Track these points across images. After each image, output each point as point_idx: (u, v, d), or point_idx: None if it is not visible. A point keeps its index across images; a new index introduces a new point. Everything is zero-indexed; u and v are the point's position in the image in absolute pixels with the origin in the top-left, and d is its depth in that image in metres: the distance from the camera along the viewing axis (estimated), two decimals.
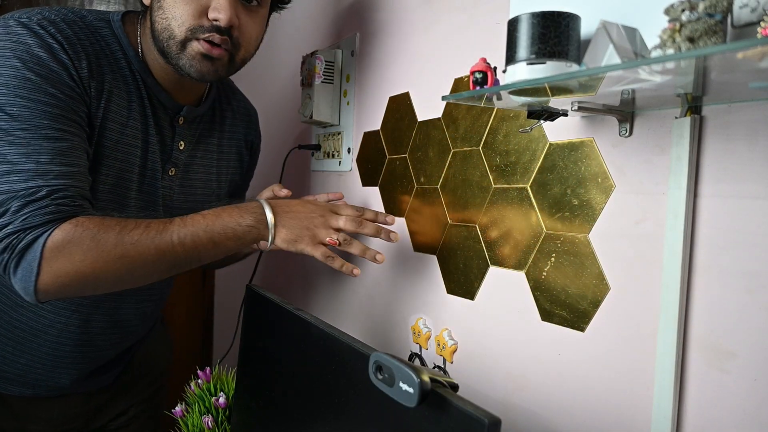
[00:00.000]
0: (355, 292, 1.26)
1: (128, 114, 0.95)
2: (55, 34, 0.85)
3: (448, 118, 0.99)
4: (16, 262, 0.78)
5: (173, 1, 0.88)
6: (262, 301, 0.96)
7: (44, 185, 0.78)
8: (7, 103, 0.79)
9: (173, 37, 0.89)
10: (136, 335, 1.16)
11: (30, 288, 0.78)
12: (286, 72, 1.63)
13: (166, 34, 0.89)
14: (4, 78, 0.80)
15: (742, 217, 0.59)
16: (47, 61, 0.83)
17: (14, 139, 0.78)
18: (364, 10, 1.25)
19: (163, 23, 0.89)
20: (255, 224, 0.91)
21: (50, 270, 0.78)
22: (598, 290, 0.73)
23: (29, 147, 0.79)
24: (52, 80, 0.83)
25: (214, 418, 1.06)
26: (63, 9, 0.90)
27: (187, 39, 0.89)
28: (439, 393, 0.56)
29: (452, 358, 0.96)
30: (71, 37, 0.87)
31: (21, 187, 0.77)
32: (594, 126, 0.74)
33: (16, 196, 0.77)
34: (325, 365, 0.76)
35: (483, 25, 0.92)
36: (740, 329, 0.59)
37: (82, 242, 0.78)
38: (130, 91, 0.95)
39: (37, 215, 0.77)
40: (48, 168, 0.79)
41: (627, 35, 0.57)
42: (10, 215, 0.77)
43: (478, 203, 0.92)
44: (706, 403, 0.62)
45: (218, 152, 1.14)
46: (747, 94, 0.57)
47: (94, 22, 0.93)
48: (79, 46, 0.87)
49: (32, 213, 0.77)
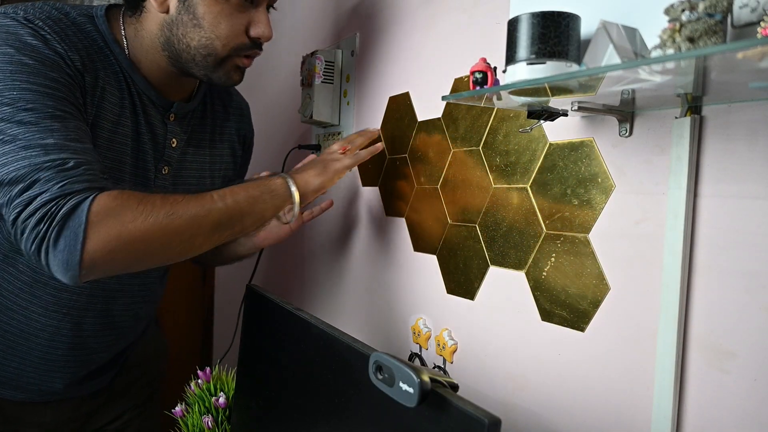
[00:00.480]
0: (355, 292, 1.26)
1: (120, 112, 0.93)
2: (44, 27, 0.83)
3: (448, 118, 0.99)
4: (57, 231, 0.71)
5: (215, 20, 0.88)
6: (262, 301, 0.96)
7: (70, 157, 0.74)
8: (5, 88, 0.75)
9: (213, 55, 0.91)
10: (129, 337, 1.15)
11: (75, 259, 0.71)
12: (286, 72, 1.63)
13: (204, 51, 0.90)
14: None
15: (742, 217, 0.59)
16: (42, 49, 0.81)
17: (22, 118, 0.74)
18: (364, 10, 1.25)
19: (202, 41, 0.89)
20: (283, 181, 0.96)
21: (98, 235, 0.72)
22: (598, 290, 0.73)
23: (39, 125, 0.75)
24: (49, 65, 0.80)
25: (214, 418, 1.06)
26: (46, 5, 0.87)
27: (229, 56, 0.92)
28: (439, 393, 0.56)
29: (452, 358, 0.96)
30: (61, 32, 0.85)
31: (45, 160, 0.73)
32: (594, 126, 0.74)
33: (41, 168, 0.72)
34: (325, 365, 0.76)
35: (483, 25, 0.92)
36: (740, 329, 0.59)
37: (130, 204, 0.75)
38: (122, 88, 0.93)
39: (76, 182, 0.73)
40: (66, 143, 0.75)
41: (627, 35, 0.57)
42: (41, 185, 0.71)
43: (478, 203, 0.92)
44: (706, 403, 0.62)
45: (210, 148, 1.12)
46: (747, 94, 0.57)
47: (78, 18, 0.91)
48: (69, 41, 0.86)
49: (69, 180, 0.72)
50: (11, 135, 0.74)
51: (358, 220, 1.26)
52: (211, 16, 0.88)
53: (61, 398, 1.08)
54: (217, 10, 0.88)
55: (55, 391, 1.06)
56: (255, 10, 0.92)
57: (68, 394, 1.09)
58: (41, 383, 1.04)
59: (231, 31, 0.90)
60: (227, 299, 2.01)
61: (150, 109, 0.98)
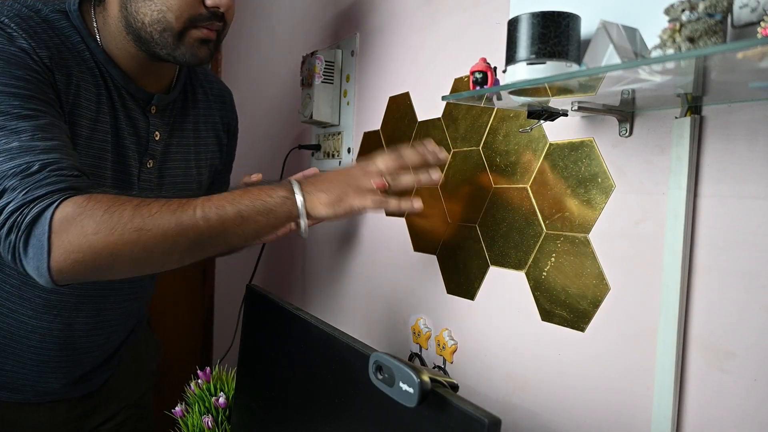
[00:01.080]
0: (355, 292, 1.26)
1: (97, 108, 0.90)
2: (10, 24, 0.81)
3: (448, 118, 0.99)
4: (25, 239, 0.70)
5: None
6: (262, 301, 0.96)
7: (34, 160, 0.72)
8: None
9: (169, 29, 0.87)
10: (120, 334, 1.14)
11: (43, 267, 0.69)
12: (286, 72, 1.63)
13: (158, 26, 0.86)
14: None
15: (742, 217, 0.59)
16: (6, 46, 0.79)
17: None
18: (364, 10, 1.25)
19: (154, 15, 0.86)
20: (288, 195, 0.79)
21: (61, 244, 0.69)
22: (598, 290, 0.73)
23: (6, 129, 0.73)
24: (15, 63, 0.78)
25: (214, 418, 1.06)
26: (16, 3, 0.85)
27: (186, 28, 0.87)
28: (439, 393, 0.56)
29: (452, 358, 0.96)
30: (29, 29, 0.82)
31: (10, 166, 0.71)
32: (594, 126, 0.74)
33: (7, 175, 0.71)
34: (325, 365, 0.76)
35: (483, 25, 0.92)
36: (740, 329, 0.59)
37: (94, 214, 0.70)
38: (98, 84, 0.90)
39: (38, 187, 0.70)
40: (32, 144, 0.73)
41: (627, 35, 0.57)
42: (8, 194, 0.71)
43: (478, 203, 0.92)
44: (706, 403, 0.62)
45: (195, 137, 1.08)
46: (747, 94, 0.57)
47: (50, 15, 0.88)
48: (38, 37, 0.83)
49: (32, 186, 0.70)
50: None
51: (358, 220, 1.26)
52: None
53: (56, 399, 1.08)
54: None
55: (50, 391, 1.06)
56: None
57: (64, 394, 1.08)
58: (36, 384, 1.03)
59: (183, 1, 0.85)
60: (227, 299, 2.01)
61: (130, 102, 0.95)
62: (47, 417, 1.08)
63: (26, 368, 1.01)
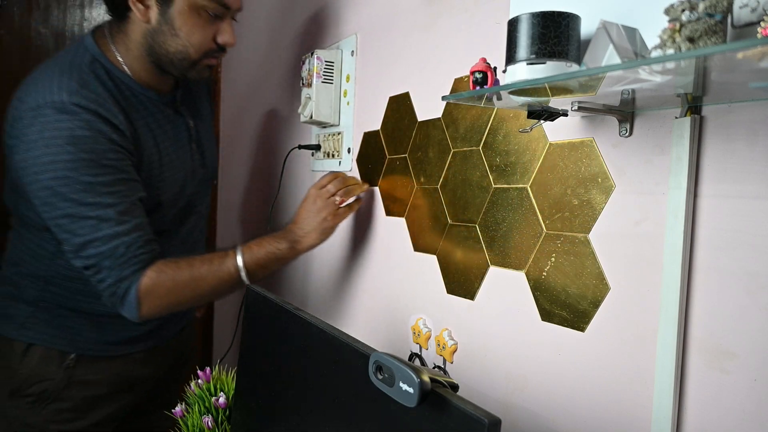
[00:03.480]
0: (355, 292, 1.26)
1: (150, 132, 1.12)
2: (88, 105, 1.00)
3: (448, 118, 0.99)
4: (121, 302, 1.03)
5: (190, 31, 1.07)
6: (262, 301, 0.96)
7: (120, 244, 1.00)
8: (70, 191, 0.98)
9: (187, 59, 1.09)
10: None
11: (135, 317, 1.04)
12: (286, 72, 1.63)
13: (179, 56, 1.09)
14: (61, 164, 0.97)
15: (742, 217, 0.59)
16: (91, 139, 0.99)
17: (84, 212, 0.99)
18: (364, 10, 1.25)
19: (178, 48, 1.08)
20: (290, 245, 1.12)
21: (146, 307, 1.03)
22: (598, 290, 0.73)
23: (97, 219, 0.99)
24: (99, 152, 1.00)
25: (214, 418, 1.06)
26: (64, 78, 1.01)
27: (200, 59, 1.11)
28: (439, 393, 0.56)
29: (452, 358, 0.96)
30: (99, 98, 1.02)
31: (103, 250, 1.00)
32: (594, 126, 0.74)
33: (103, 256, 1.00)
34: (325, 365, 0.76)
35: (483, 25, 0.92)
36: (740, 330, 0.59)
37: (164, 284, 1.03)
38: (143, 108, 1.12)
39: (124, 268, 1.01)
40: (117, 230, 1.00)
41: (627, 35, 0.57)
42: (105, 272, 1.01)
43: (478, 203, 0.92)
44: (706, 403, 0.62)
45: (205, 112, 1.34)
46: (747, 94, 0.57)
47: (88, 66, 1.06)
48: (108, 102, 1.04)
49: (120, 267, 1.00)
50: (80, 228, 1.00)
51: (358, 220, 1.26)
52: (187, 28, 1.07)
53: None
54: (192, 23, 1.07)
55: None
56: (221, 22, 1.10)
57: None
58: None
59: (202, 40, 1.09)
60: (227, 299, 2.01)
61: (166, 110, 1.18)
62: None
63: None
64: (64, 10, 2.01)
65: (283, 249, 1.10)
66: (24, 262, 1.17)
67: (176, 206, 1.21)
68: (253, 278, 1.08)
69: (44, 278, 1.15)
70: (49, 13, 1.99)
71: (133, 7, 1.05)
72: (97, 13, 2.06)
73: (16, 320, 1.17)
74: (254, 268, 1.08)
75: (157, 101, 1.16)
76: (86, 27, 2.04)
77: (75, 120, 0.99)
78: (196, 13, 1.06)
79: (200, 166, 1.27)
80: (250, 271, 1.08)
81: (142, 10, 1.05)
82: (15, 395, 1.15)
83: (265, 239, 1.11)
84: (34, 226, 1.11)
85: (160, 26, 1.06)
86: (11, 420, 1.16)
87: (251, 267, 1.08)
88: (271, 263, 1.10)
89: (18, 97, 1.04)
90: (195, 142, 1.25)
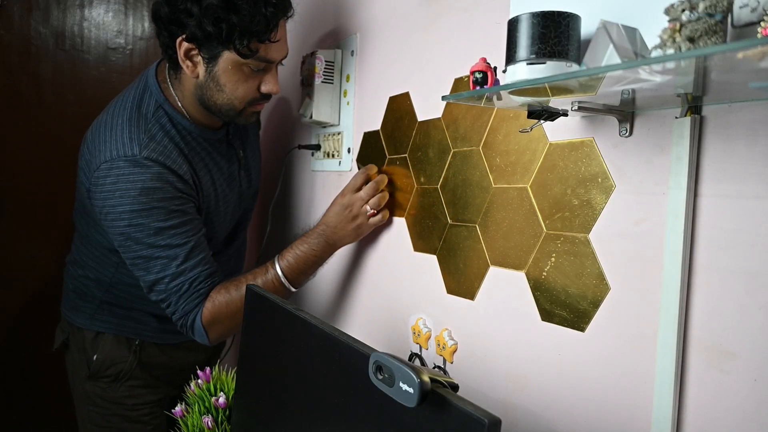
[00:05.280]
0: (355, 292, 1.26)
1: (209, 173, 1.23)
2: (157, 158, 1.10)
3: (448, 118, 0.99)
4: (191, 332, 1.15)
5: (234, 86, 1.12)
6: (262, 301, 0.96)
7: (185, 280, 1.12)
8: (143, 236, 1.09)
9: (234, 110, 1.16)
10: None
11: (207, 343, 1.17)
12: (286, 72, 1.63)
13: (226, 107, 1.16)
14: (135, 213, 1.08)
15: (742, 217, 0.59)
16: (160, 190, 1.09)
17: (156, 254, 1.10)
18: (364, 10, 1.25)
19: (224, 101, 1.14)
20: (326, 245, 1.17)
21: (212, 334, 1.15)
22: (598, 290, 0.73)
23: (168, 258, 1.11)
24: (167, 200, 1.10)
25: (214, 418, 1.06)
26: (141, 124, 1.13)
27: (245, 107, 1.17)
28: (439, 393, 0.56)
29: (452, 358, 0.96)
30: (165, 150, 1.12)
31: (171, 286, 1.11)
32: (594, 126, 0.74)
33: (171, 293, 1.12)
34: (325, 365, 0.76)
35: (483, 25, 0.92)
36: (740, 329, 0.59)
37: (221, 311, 1.13)
38: (202, 150, 1.22)
39: (189, 302, 1.12)
40: (183, 267, 1.11)
41: (627, 35, 0.57)
42: (173, 306, 1.13)
43: (478, 203, 0.92)
44: (706, 403, 0.62)
45: (253, 140, 1.41)
46: (747, 94, 0.57)
47: (153, 115, 1.15)
48: (174, 153, 1.13)
49: (185, 301, 1.12)
50: (152, 266, 1.11)
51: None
52: (231, 84, 1.12)
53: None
54: (236, 78, 1.12)
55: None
56: (266, 73, 1.14)
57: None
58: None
59: (246, 93, 1.14)
60: None
61: (220, 146, 1.27)
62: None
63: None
64: (64, 10, 2.01)
65: (318, 251, 1.16)
66: (89, 267, 1.32)
67: (227, 230, 1.36)
68: (296, 284, 1.16)
69: (108, 283, 1.30)
70: (49, 13, 1.99)
71: (183, 64, 1.11)
72: (97, 13, 2.06)
73: (86, 312, 1.34)
74: (294, 275, 1.16)
75: (213, 139, 1.24)
76: (86, 27, 2.04)
77: (146, 173, 1.09)
78: (239, 70, 1.11)
79: (247, 188, 1.38)
80: (290, 278, 1.15)
81: (191, 67, 1.12)
82: (94, 377, 1.32)
83: (298, 245, 1.17)
84: (102, 245, 1.26)
85: (206, 82, 1.13)
86: (91, 396, 1.33)
87: (291, 274, 1.15)
88: (309, 267, 1.17)
89: (92, 140, 1.16)
90: (244, 169, 1.35)
